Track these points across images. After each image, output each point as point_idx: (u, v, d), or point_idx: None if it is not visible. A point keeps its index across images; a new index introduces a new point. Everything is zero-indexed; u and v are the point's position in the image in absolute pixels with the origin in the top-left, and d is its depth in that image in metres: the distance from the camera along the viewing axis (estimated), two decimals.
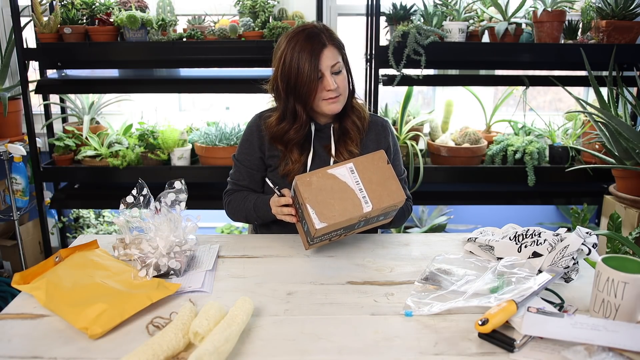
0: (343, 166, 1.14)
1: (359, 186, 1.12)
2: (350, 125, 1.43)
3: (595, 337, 0.83)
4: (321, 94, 1.33)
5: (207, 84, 2.48)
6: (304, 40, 1.30)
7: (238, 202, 1.47)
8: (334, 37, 1.34)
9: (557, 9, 2.17)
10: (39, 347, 0.88)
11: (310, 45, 1.29)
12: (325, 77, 1.31)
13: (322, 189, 1.14)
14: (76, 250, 1.17)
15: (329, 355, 0.86)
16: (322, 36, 1.31)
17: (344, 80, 1.35)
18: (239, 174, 1.50)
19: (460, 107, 2.77)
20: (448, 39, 2.27)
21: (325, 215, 1.12)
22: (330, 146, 1.43)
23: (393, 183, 1.14)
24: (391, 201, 1.13)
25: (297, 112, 1.36)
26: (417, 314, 0.98)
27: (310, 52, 1.29)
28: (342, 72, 1.34)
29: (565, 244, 1.10)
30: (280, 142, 1.42)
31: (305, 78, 1.29)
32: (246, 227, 2.95)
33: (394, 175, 1.16)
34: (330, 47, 1.31)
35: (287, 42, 1.32)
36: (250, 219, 1.46)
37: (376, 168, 1.13)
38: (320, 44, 1.30)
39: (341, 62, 1.34)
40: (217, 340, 0.82)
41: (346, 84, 1.36)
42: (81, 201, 2.68)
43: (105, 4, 2.35)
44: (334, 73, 1.33)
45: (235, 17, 2.44)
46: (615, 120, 1.94)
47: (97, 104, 2.68)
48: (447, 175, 2.43)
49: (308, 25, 1.35)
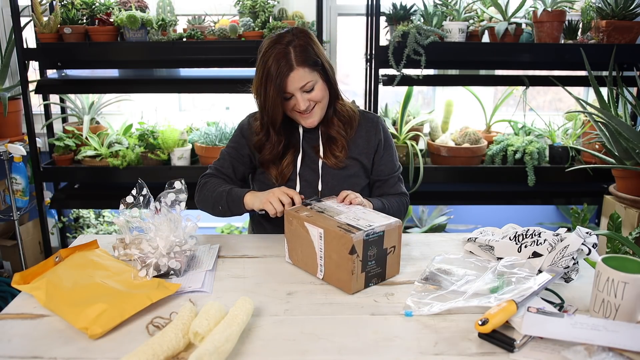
0: (316, 228, 1.10)
1: (320, 253, 1.11)
2: (335, 133, 1.42)
3: (595, 337, 0.83)
4: (294, 110, 1.34)
5: (207, 84, 2.48)
6: (272, 61, 1.26)
7: (214, 186, 1.42)
8: (306, 54, 1.27)
9: (557, 9, 2.17)
10: (39, 347, 0.88)
11: (276, 69, 1.25)
12: (296, 99, 1.30)
13: (297, 235, 1.16)
14: (76, 250, 1.17)
15: (329, 355, 0.86)
16: (290, 57, 1.26)
17: (319, 93, 1.32)
18: (223, 161, 1.48)
19: (460, 107, 2.77)
20: (448, 39, 2.27)
21: (293, 256, 1.20)
22: (319, 147, 1.43)
23: (345, 274, 1.07)
24: (338, 286, 1.10)
25: (269, 130, 1.38)
26: (417, 314, 0.98)
27: (275, 77, 1.25)
28: (315, 87, 1.31)
29: (565, 244, 1.10)
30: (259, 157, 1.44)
31: (271, 102, 1.29)
32: (246, 227, 2.95)
33: (349, 268, 1.05)
34: (298, 69, 1.26)
35: (262, 56, 1.29)
36: (215, 206, 1.39)
37: (339, 249, 1.06)
38: (287, 68, 1.26)
39: (314, 79, 1.30)
40: (218, 340, 0.82)
41: (322, 95, 1.34)
42: (81, 201, 2.68)
43: (105, 4, 2.35)
44: (305, 91, 1.30)
45: (235, 17, 2.44)
46: (615, 120, 1.94)
47: (97, 104, 2.68)
48: (447, 175, 2.43)
49: (284, 38, 1.28)
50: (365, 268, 1.07)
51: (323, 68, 1.33)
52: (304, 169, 1.43)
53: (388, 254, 1.11)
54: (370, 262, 1.08)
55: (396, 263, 1.14)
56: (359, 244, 1.04)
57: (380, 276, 1.11)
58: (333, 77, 1.37)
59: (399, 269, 1.15)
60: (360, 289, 1.08)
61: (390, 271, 1.13)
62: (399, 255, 1.14)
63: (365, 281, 1.08)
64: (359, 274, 1.07)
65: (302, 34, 1.31)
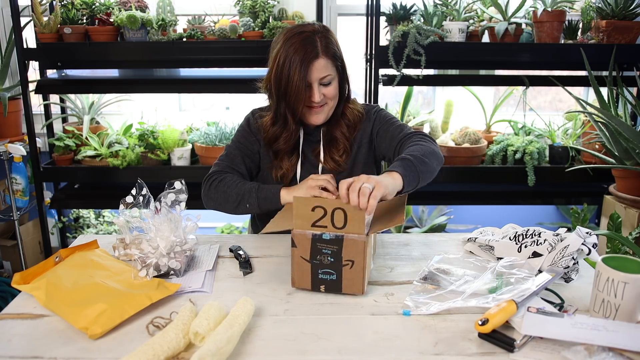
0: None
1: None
2: (339, 134, 1.40)
3: (595, 337, 0.83)
4: (306, 103, 1.30)
5: (207, 84, 2.48)
6: (299, 45, 1.24)
7: (234, 182, 1.33)
8: (330, 46, 1.28)
9: (557, 9, 2.17)
10: (39, 347, 0.88)
11: (303, 53, 1.23)
12: (312, 88, 1.28)
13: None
14: (76, 250, 1.17)
15: (329, 355, 0.86)
16: (317, 45, 1.25)
17: (333, 90, 1.31)
18: (234, 157, 1.40)
19: (460, 107, 2.77)
20: (448, 39, 2.27)
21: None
22: (319, 150, 1.41)
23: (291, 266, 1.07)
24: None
25: (287, 119, 1.33)
26: (415, 313, 0.98)
27: (301, 61, 1.23)
28: (332, 83, 1.30)
29: (565, 244, 1.10)
30: (270, 149, 1.40)
31: (295, 87, 1.25)
32: (246, 227, 2.95)
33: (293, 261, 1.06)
34: (322, 58, 1.26)
35: (283, 43, 1.26)
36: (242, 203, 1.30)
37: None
38: (313, 54, 1.24)
39: (333, 74, 1.29)
40: (219, 340, 0.82)
41: (335, 94, 1.33)
42: (81, 201, 2.68)
43: (105, 4, 2.35)
44: (323, 84, 1.29)
45: (235, 17, 2.44)
46: (615, 120, 1.94)
47: (97, 104, 2.68)
48: (447, 175, 2.43)
49: (308, 27, 1.28)
50: (316, 270, 1.04)
51: (342, 65, 1.33)
52: (305, 173, 1.41)
53: (344, 265, 1.02)
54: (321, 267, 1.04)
55: (358, 280, 1.03)
56: (301, 238, 1.03)
57: (334, 286, 1.04)
58: (347, 77, 1.37)
59: (362, 289, 1.03)
60: (306, 287, 1.07)
61: (348, 285, 1.04)
62: (362, 273, 1.02)
63: (311, 283, 1.06)
64: (305, 271, 1.05)
65: (324, 28, 1.31)
